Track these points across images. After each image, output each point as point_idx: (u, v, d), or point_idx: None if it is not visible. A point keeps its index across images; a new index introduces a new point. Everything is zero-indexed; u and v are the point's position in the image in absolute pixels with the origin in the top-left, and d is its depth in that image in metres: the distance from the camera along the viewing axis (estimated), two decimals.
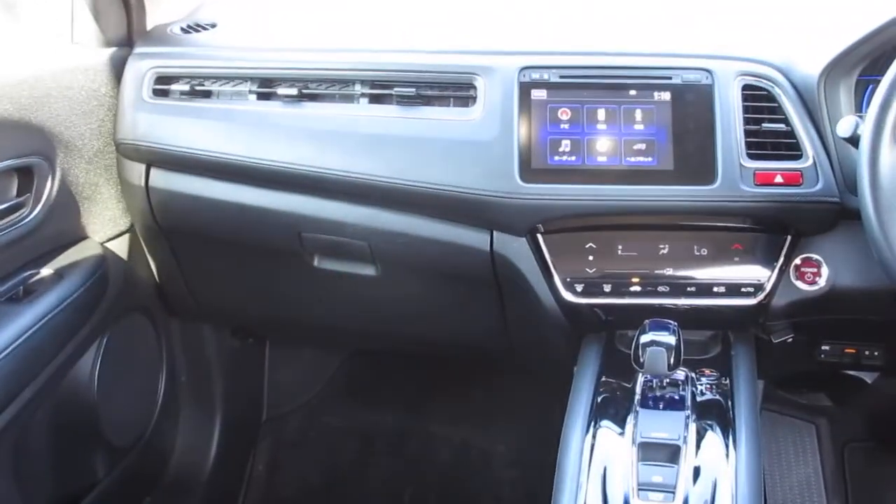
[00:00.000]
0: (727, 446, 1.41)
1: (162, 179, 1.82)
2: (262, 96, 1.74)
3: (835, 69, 1.55)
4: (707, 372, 1.59)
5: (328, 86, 1.72)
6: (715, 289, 1.62)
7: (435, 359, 2.45)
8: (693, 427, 1.43)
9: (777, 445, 2.38)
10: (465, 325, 1.93)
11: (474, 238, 1.67)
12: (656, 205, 1.57)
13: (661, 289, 1.63)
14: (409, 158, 1.64)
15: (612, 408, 1.50)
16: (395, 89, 1.66)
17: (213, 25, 1.93)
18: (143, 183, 1.83)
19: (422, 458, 2.56)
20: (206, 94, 1.77)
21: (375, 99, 1.69)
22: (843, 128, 1.42)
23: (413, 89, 1.65)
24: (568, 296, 1.64)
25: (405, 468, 2.55)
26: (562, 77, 1.59)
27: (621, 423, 1.44)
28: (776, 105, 1.56)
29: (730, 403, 1.51)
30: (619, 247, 1.63)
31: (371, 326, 2.07)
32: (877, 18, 1.51)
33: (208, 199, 1.80)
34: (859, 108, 1.56)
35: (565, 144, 1.58)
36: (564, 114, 1.58)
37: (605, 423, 1.46)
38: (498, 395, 2.59)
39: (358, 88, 1.70)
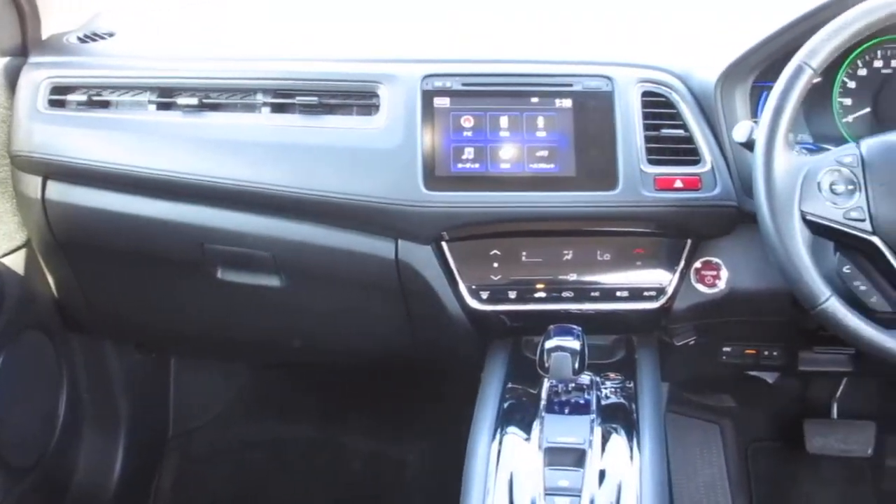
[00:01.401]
0: (632, 449, 1.42)
1: (59, 192, 1.76)
2: (162, 106, 1.70)
3: (730, 76, 1.58)
4: (612, 376, 1.60)
5: (229, 95, 1.69)
6: (618, 293, 1.64)
7: (345, 369, 2.43)
8: (598, 431, 1.43)
9: (683, 447, 2.41)
10: (371, 335, 1.92)
11: (379, 247, 1.66)
12: (559, 211, 1.57)
13: (565, 294, 1.64)
14: (312, 168, 1.62)
15: (519, 413, 1.50)
16: (298, 98, 1.64)
17: (111, 34, 1.89)
18: (39, 196, 1.77)
19: (333, 470, 2.53)
20: (104, 105, 1.73)
21: (277, 108, 1.67)
22: (739, 133, 1.44)
23: (315, 98, 1.63)
24: (473, 303, 1.64)
25: (316, 481, 2.52)
26: (464, 85, 1.59)
27: (527, 429, 1.44)
28: (675, 111, 1.58)
29: (634, 406, 1.53)
30: (524, 253, 1.64)
31: (277, 338, 2.05)
32: (769, 27, 1.55)
33: (107, 211, 1.75)
34: (754, 113, 1.60)
35: (469, 152, 1.57)
36: (468, 121, 1.58)
37: (511, 428, 1.46)
38: (409, 405, 2.57)
39: (260, 97, 1.67)
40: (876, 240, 1.36)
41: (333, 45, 1.77)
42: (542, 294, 1.64)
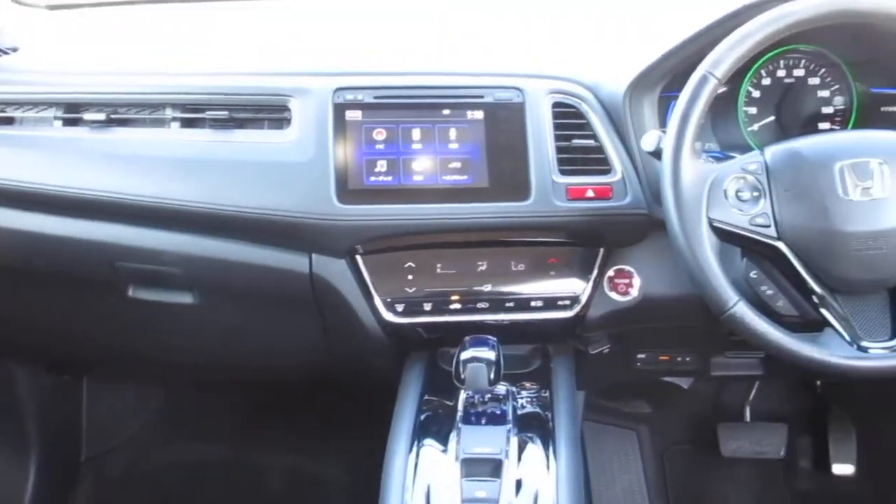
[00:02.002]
0: (548, 457, 1.43)
1: None
2: (69, 122, 1.66)
3: (638, 86, 1.60)
4: (528, 385, 1.61)
5: (138, 110, 1.66)
6: (533, 303, 1.65)
7: (263, 386, 2.40)
8: (514, 441, 1.43)
9: (601, 454, 2.43)
10: (288, 351, 1.90)
11: (293, 261, 1.64)
12: (472, 222, 1.58)
13: (480, 305, 1.64)
14: (224, 182, 1.60)
15: (435, 425, 1.49)
16: (208, 113, 1.62)
17: (15, 49, 1.84)
18: None
19: (252, 490, 2.49)
20: (9, 121, 1.69)
21: (187, 123, 1.64)
22: (647, 142, 1.46)
23: (226, 112, 1.61)
24: (389, 316, 1.64)
25: (236, 500, 2.49)
26: (376, 98, 1.59)
27: (444, 441, 1.44)
28: (585, 122, 1.60)
29: (550, 415, 1.53)
30: (439, 265, 1.64)
31: (193, 356, 2.02)
32: (674, 38, 1.57)
33: (14, 230, 1.71)
34: (663, 123, 1.62)
35: (381, 165, 1.57)
36: (380, 134, 1.58)
37: (428, 441, 1.46)
38: (329, 420, 2.55)
39: (169, 112, 1.65)
40: (781, 245, 1.39)
41: (244, 59, 1.75)
42: (457, 305, 1.64)
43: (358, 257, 1.63)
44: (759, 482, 2.45)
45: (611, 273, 1.67)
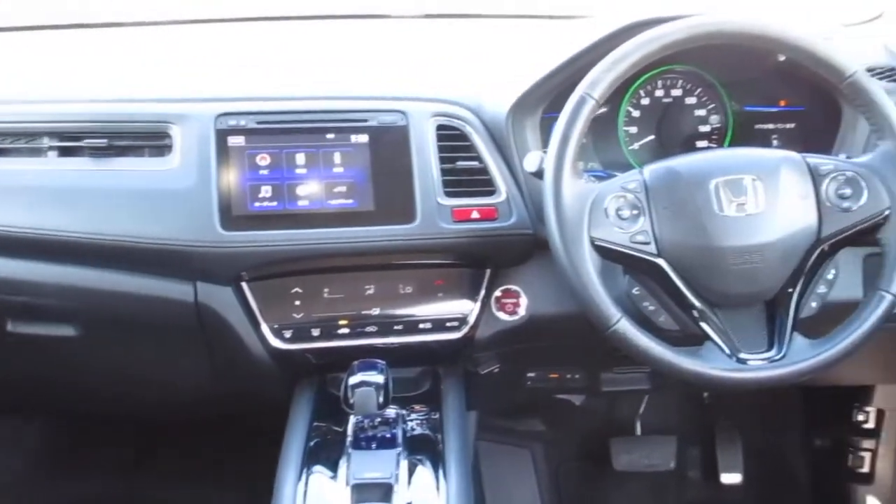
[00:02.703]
0: (438, 479, 1.43)
1: None
2: None
3: (520, 108, 1.62)
4: (417, 408, 1.60)
5: (13, 139, 1.62)
6: (421, 325, 1.65)
7: (151, 419, 2.34)
8: (405, 464, 1.43)
9: (496, 473, 2.43)
10: (176, 382, 1.86)
11: (177, 290, 1.61)
12: (359, 246, 1.57)
13: (369, 329, 1.64)
14: (104, 212, 1.56)
15: (325, 452, 1.48)
16: (86, 141, 1.58)
17: None
18: None
19: None
20: None
21: (65, 151, 1.60)
22: (530, 163, 1.48)
23: (105, 140, 1.58)
24: (277, 343, 1.62)
25: None
26: (259, 123, 1.57)
27: (334, 467, 1.43)
28: (469, 144, 1.61)
29: (440, 437, 1.53)
30: (326, 290, 1.63)
31: (76, 391, 1.96)
32: (553, 61, 1.60)
33: None
34: (545, 143, 1.62)
35: (266, 190, 1.56)
36: (263, 159, 1.56)
37: (317, 467, 1.45)
38: (220, 451, 2.50)
39: (46, 141, 1.60)
40: (661, 262, 1.41)
41: (124, 86, 1.70)
42: (345, 330, 1.63)
43: (244, 284, 1.61)
44: (651, 494, 2.48)
45: (498, 293, 1.68)
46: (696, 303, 1.43)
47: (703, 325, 1.43)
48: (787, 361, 1.40)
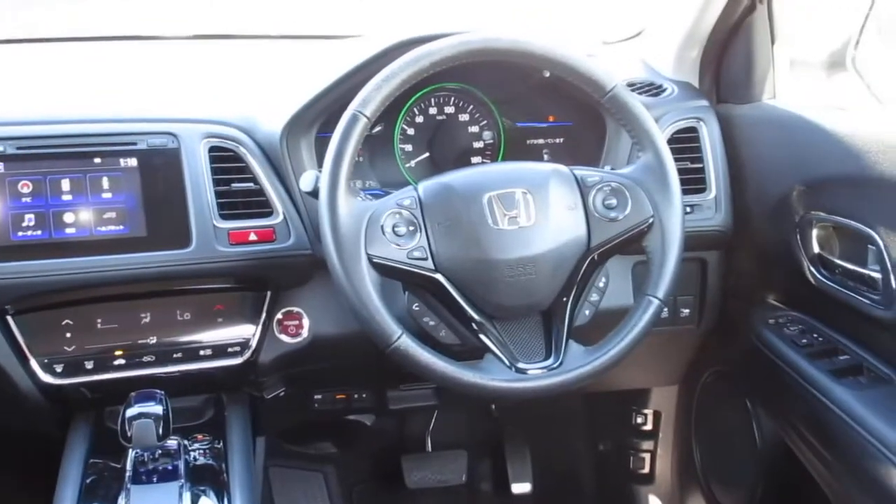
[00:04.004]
0: None
1: None
2: None
3: (294, 127, 1.61)
4: (200, 437, 1.56)
5: None
6: (201, 352, 1.61)
7: None
8: (188, 496, 1.39)
9: (287, 499, 2.40)
10: None
11: None
12: (131, 273, 1.52)
13: (146, 359, 1.59)
14: None
15: (103, 489, 1.42)
16: None
17: None
18: None
19: None
20: None
21: None
22: (305, 182, 1.46)
23: None
24: (47, 378, 1.55)
25: None
26: (19, 148, 1.50)
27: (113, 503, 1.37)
28: (244, 165, 1.58)
29: (224, 465, 1.50)
30: (99, 320, 1.57)
31: None
32: (325, 80, 1.60)
33: None
34: (320, 163, 1.61)
35: (29, 219, 1.48)
36: (25, 187, 1.49)
37: None
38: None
39: None
40: (439, 276, 1.42)
41: None
42: (121, 361, 1.58)
43: (8, 318, 1.53)
44: None
45: (279, 315, 1.66)
46: (475, 316, 1.44)
47: (483, 338, 1.45)
48: (563, 369, 1.43)
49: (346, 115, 1.40)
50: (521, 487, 2.48)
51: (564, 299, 1.47)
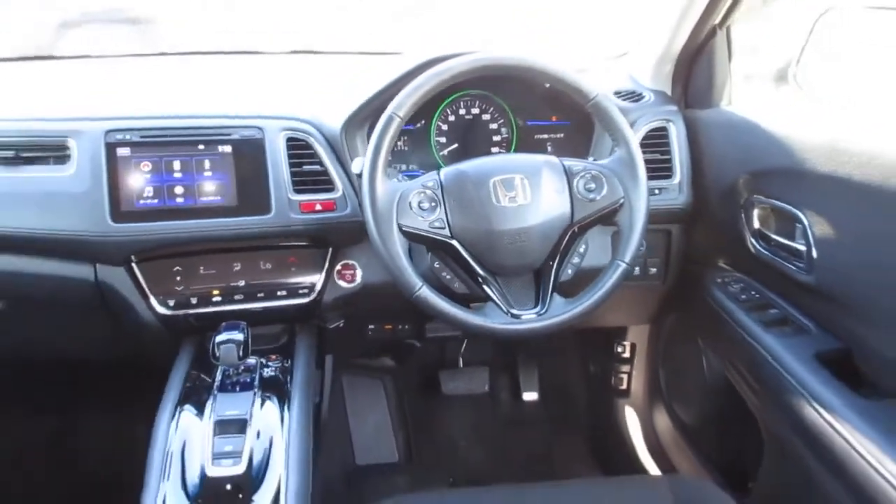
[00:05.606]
0: (282, 411, 1.37)
1: None
2: None
3: (350, 124, 1.57)
4: (273, 357, 1.54)
5: None
6: (279, 293, 1.59)
7: (75, 366, 2.18)
8: (258, 401, 1.37)
9: (356, 399, 2.40)
10: (86, 342, 1.75)
11: (80, 270, 1.51)
12: (225, 233, 1.50)
13: (237, 297, 1.57)
14: (17, 210, 1.45)
15: (196, 395, 1.41)
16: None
17: None
18: None
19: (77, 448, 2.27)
20: None
21: None
22: (355, 166, 1.43)
23: (13, 152, 1.46)
24: (162, 310, 1.54)
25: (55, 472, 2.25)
26: (142, 137, 1.48)
27: (203, 406, 1.35)
28: (313, 151, 1.54)
29: (289, 378, 1.48)
30: (201, 267, 1.55)
31: (10, 346, 1.82)
32: (374, 88, 1.56)
33: None
34: None
35: (148, 191, 1.47)
36: (146, 166, 1.47)
37: (188, 406, 1.37)
38: (135, 392, 2.35)
39: None
40: (454, 242, 1.38)
41: (27, 105, 1.58)
42: (218, 298, 1.56)
43: (134, 265, 1.52)
44: (472, 411, 2.48)
45: (339, 267, 1.63)
46: (481, 272, 1.41)
47: (487, 289, 1.41)
48: (548, 315, 1.39)
49: (384, 115, 1.36)
50: (530, 396, 2.46)
51: (551, 263, 1.43)
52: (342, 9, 3.01)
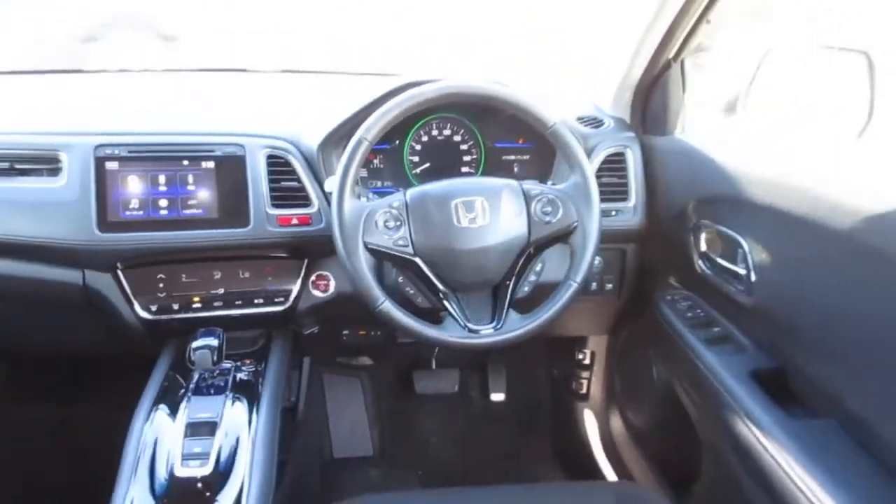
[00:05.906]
0: (250, 414, 1.38)
1: None
2: None
3: (326, 143, 1.58)
4: (248, 362, 1.55)
5: None
6: (256, 300, 1.60)
7: (72, 361, 2.20)
8: (229, 403, 1.38)
9: (335, 396, 2.41)
10: (77, 341, 1.77)
11: (69, 275, 1.53)
12: (206, 244, 1.51)
13: (216, 304, 1.58)
14: (10, 218, 1.47)
15: (172, 395, 1.42)
16: None
17: None
18: None
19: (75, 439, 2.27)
20: None
21: None
22: (328, 185, 1.45)
23: (8, 163, 1.48)
24: (145, 314, 1.55)
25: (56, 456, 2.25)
26: (130, 152, 1.49)
27: (176, 408, 1.37)
28: (291, 168, 1.56)
29: (260, 381, 1.49)
30: (183, 275, 1.57)
31: (9, 341, 1.82)
32: (348, 110, 1.57)
33: None
34: None
35: (134, 202, 1.48)
36: (133, 179, 1.48)
37: (163, 407, 1.38)
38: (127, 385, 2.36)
39: None
40: (417, 259, 1.40)
41: (21, 121, 1.59)
42: (198, 304, 1.58)
43: (119, 272, 1.53)
44: (443, 410, 2.50)
45: (313, 277, 1.64)
46: (442, 288, 1.42)
47: (447, 304, 1.43)
48: (504, 330, 1.40)
49: (354, 138, 1.38)
50: (497, 396, 2.47)
51: (508, 281, 1.45)
52: (342, 9, 2.97)
